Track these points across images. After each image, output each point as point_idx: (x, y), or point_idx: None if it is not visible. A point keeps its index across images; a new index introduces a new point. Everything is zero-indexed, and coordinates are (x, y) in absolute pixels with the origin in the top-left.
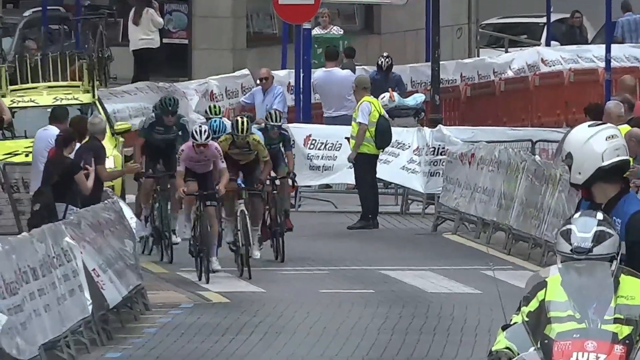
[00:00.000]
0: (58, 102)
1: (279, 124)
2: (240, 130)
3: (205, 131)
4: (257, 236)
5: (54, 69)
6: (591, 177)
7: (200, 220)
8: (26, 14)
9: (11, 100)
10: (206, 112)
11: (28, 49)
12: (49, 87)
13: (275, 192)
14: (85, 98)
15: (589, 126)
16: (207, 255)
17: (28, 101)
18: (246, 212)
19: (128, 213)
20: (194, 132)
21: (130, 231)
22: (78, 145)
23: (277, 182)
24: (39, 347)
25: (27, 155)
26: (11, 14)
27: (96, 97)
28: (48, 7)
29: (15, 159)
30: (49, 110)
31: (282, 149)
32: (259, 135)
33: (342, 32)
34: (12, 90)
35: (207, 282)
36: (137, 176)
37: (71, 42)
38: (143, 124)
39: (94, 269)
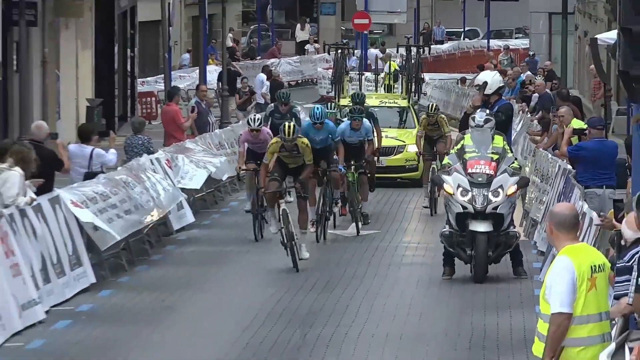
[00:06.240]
0: (383, 105)
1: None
2: (287, 133)
3: (257, 119)
4: (304, 236)
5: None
6: (495, 91)
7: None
8: (251, 27)
9: (348, 101)
10: (277, 97)
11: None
12: (377, 96)
13: (368, 174)
14: (403, 103)
15: (490, 71)
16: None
17: None
18: (288, 212)
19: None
20: (249, 120)
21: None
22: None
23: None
24: (191, 198)
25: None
26: (245, 27)
27: (410, 103)
28: (260, 25)
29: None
30: (376, 109)
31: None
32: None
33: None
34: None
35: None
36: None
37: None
38: (266, 112)
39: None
